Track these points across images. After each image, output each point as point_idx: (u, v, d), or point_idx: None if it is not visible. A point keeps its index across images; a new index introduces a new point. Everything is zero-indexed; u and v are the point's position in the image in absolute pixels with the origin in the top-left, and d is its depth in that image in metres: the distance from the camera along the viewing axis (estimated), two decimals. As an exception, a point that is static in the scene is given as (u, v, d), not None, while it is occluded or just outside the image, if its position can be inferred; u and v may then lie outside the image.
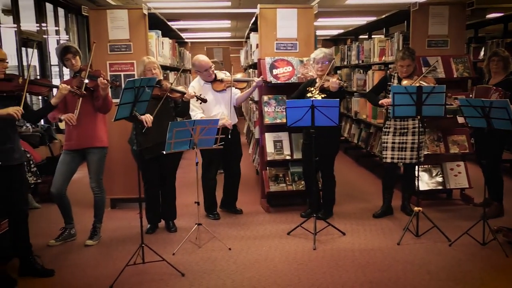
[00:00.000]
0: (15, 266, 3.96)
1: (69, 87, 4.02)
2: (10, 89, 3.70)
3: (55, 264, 4.10)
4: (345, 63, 9.24)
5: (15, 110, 3.56)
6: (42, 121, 7.07)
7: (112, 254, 4.35)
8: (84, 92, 4.27)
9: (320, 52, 4.94)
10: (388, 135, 5.09)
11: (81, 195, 5.94)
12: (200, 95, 4.77)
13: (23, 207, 3.93)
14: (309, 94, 4.94)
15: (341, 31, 11.18)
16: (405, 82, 4.83)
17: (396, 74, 5.10)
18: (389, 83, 5.11)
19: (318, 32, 8.32)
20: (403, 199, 5.36)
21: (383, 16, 7.05)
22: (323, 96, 4.83)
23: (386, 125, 5.13)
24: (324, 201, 5.24)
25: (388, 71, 6.01)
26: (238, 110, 5.62)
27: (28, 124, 6.84)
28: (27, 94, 3.83)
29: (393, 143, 5.05)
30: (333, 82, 4.70)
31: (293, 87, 5.30)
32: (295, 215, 5.30)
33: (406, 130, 5.00)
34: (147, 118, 4.29)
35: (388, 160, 5.11)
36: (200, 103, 4.88)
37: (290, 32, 5.56)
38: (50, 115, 4.33)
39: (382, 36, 7.75)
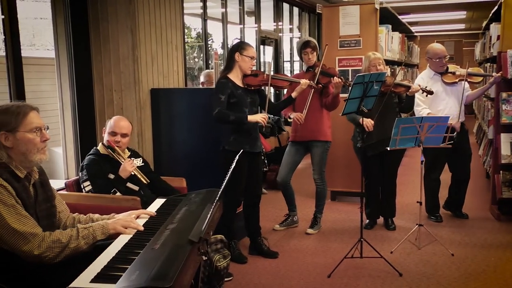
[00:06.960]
0: (245, 245, 4.37)
1: (308, 81, 4.18)
2: (257, 83, 4.05)
3: (279, 247, 4.40)
4: None
5: (262, 118, 3.89)
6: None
7: (331, 244, 4.47)
8: (320, 85, 4.44)
9: None
10: None
11: (305, 185, 6.23)
12: (426, 87, 4.55)
13: (258, 191, 4.27)
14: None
15: None
16: None
17: None
18: None
19: None
20: None
21: None
22: None
23: None
24: None
25: None
26: (466, 107, 5.20)
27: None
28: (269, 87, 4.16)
29: None
30: None
31: (539, 83, 4.71)
32: (533, 227, 4.74)
33: None
34: (368, 123, 4.31)
35: None
36: (426, 96, 4.66)
37: (541, 20, 4.93)
38: (284, 110, 4.60)
39: None
